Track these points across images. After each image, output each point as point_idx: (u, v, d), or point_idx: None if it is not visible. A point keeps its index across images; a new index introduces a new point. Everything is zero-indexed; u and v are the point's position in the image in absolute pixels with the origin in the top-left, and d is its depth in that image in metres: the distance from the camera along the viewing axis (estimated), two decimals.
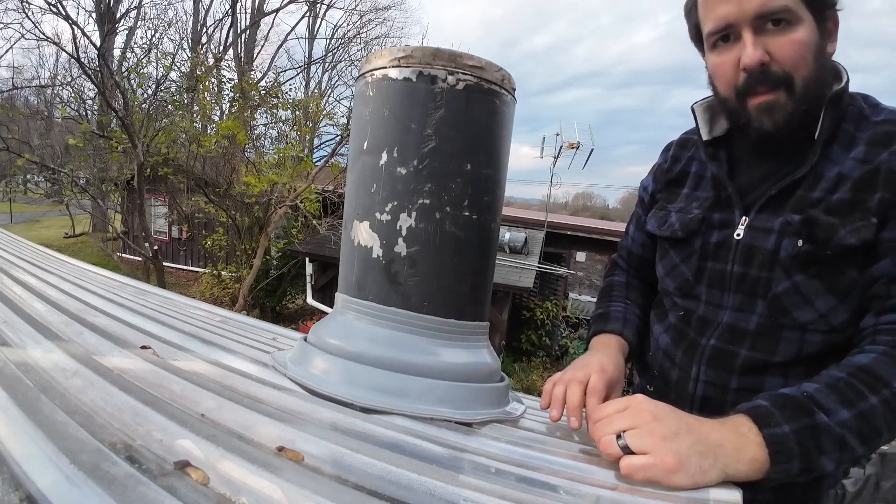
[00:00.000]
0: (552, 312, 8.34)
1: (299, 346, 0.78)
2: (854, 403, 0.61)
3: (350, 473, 0.47)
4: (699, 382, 0.83)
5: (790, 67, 0.71)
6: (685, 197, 0.91)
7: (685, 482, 0.54)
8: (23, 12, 8.82)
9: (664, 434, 0.57)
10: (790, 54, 0.70)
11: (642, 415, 0.59)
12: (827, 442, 0.59)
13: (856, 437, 0.60)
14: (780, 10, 0.69)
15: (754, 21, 0.70)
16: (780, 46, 0.70)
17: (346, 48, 19.60)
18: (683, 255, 0.87)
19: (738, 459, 0.57)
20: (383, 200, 0.71)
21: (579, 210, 41.68)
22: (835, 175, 0.73)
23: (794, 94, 0.72)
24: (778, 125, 0.74)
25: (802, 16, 0.70)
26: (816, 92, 0.72)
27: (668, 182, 0.96)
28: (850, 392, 0.62)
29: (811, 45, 0.71)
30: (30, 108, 12.13)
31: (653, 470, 0.55)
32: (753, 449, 0.58)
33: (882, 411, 0.61)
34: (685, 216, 0.87)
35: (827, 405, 0.61)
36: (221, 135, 7.08)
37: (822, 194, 0.73)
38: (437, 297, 0.73)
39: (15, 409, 0.42)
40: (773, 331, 0.77)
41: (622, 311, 0.97)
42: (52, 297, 1.04)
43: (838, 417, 0.60)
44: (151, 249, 7.03)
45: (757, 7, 0.70)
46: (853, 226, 0.70)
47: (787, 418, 0.59)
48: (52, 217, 13.46)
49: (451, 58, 0.70)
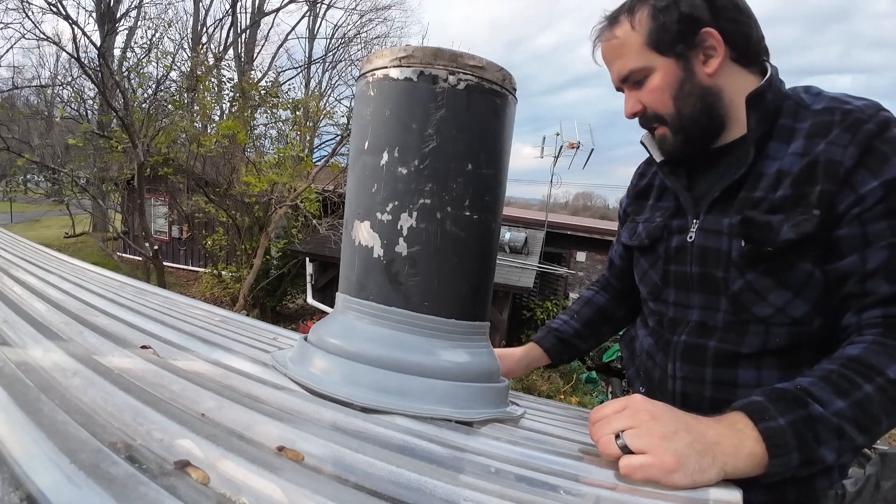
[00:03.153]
0: (552, 312, 8.34)
1: (299, 346, 0.78)
2: (848, 393, 0.61)
3: (350, 473, 0.47)
4: (676, 379, 0.86)
5: (655, 110, 0.83)
6: (650, 208, 0.97)
7: (684, 481, 0.54)
8: (23, 12, 8.84)
9: (662, 433, 0.57)
10: (650, 101, 0.83)
11: (640, 414, 0.59)
12: (824, 432, 0.59)
13: (853, 425, 0.60)
14: (630, 73, 0.82)
15: (622, 84, 0.85)
16: (643, 97, 0.83)
17: (346, 48, 19.63)
18: (650, 261, 0.93)
19: (737, 456, 0.57)
20: (384, 200, 0.71)
21: (579, 210, 41.71)
22: (774, 172, 0.75)
23: (671, 127, 0.83)
24: (674, 151, 0.86)
25: (654, 65, 0.80)
26: (694, 116, 0.81)
27: (636, 195, 1.03)
28: (843, 382, 0.62)
29: (668, 87, 0.80)
30: (30, 107, 12.15)
31: (651, 469, 0.55)
32: (751, 444, 0.58)
33: (878, 399, 0.61)
34: (650, 225, 0.94)
35: (821, 396, 0.61)
36: (222, 134, 7.08)
37: (763, 193, 0.76)
38: (438, 297, 0.73)
39: (15, 408, 0.42)
40: (739, 325, 0.79)
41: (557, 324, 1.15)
42: (52, 296, 1.04)
43: (834, 407, 0.60)
44: (151, 249, 7.03)
45: (616, 77, 0.85)
46: (795, 220, 0.72)
47: (783, 411, 0.60)
48: (53, 217, 13.46)
49: (453, 57, 0.70)
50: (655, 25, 0.78)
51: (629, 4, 0.81)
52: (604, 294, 1.18)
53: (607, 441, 0.59)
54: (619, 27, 0.81)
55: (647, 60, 0.79)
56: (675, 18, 0.77)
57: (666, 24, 0.77)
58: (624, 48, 0.81)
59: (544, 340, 1.12)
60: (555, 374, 7.11)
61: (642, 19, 0.79)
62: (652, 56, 0.79)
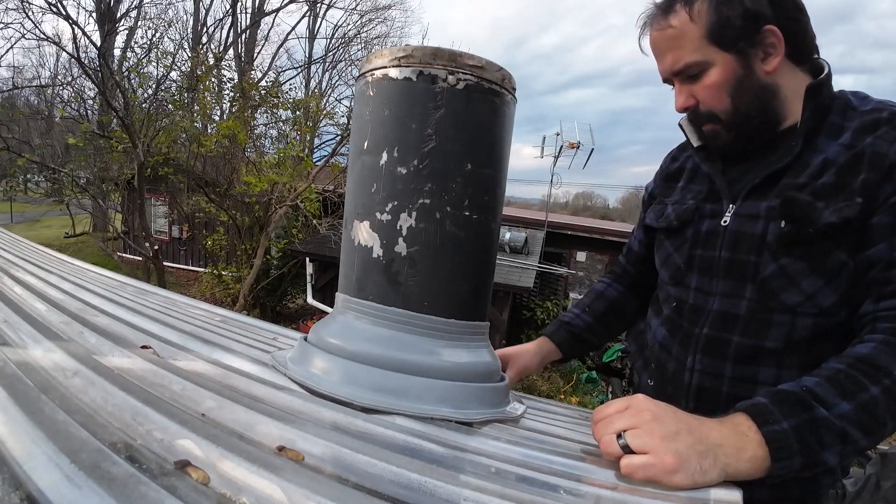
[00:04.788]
0: (552, 312, 8.34)
1: (299, 346, 0.78)
2: (854, 395, 0.61)
3: (350, 473, 0.47)
4: (694, 372, 0.85)
5: (710, 107, 0.81)
6: (680, 190, 0.96)
7: (685, 482, 0.54)
8: (23, 12, 8.83)
9: (664, 434, 0.57)
10: (705, 98, 0.80)
11: (642, 415, 0.59)
12: (828, 435, 0.59)
13: (857, 428, 0.60)
14: (686, 67, 0.79)
15: (674, 77, 0.82)
16: (698, 92, 0.81)
17: (346, 48, 19.62)
18: (676, 244, 0.92)
19: (739, 459, 0.57)
20: (383, 200, 0.71)
21: (580, 210, 41.71)
22: (820, 162, 0.75)
23: (725, 124, 0.81)
24: (724, 147, 0.84)
25: (714, 60, 0.77)
26: (750, 114, 0.79)
27: (666, 178, 1.01)
28: (849, 384, 0.62)
29: (725, 83, 0.78)
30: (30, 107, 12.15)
31: (652, 469, 0.55)
32: (753, 448, 0.58)
33: (884, 401, 0.61)
34: (680, 206, 0.93)
35: (826, 398, 0.60)
36: (222, 134, 7.07)
37: (807, 179, 0.75)
38: (438, 296, 0.73)
39: (15, 408, 0.42)
40: (763, 314, 0.78)
41: (569, 318, 1.13)
42: (52, 296, 1.04)
43: (838, 410, 0.60)
44: (152, 249, 7.03)
45: (668, 69, 0.82)
46: (837, 206, 0.72)
47: (786, 414, 0.59)
48: (53, 217, 13.47)
49: (452, 57, 0.70)
50: (718, 19, 0.75)
51: None
52: (616, 286, 1.16)
53: (609, 440, 0.59)
54: (676, 16, 0.77)
55: (706, 54, 0.77)
56: (739, 13, 0.74)
57: (729, 19, 0.74)
58: (681, 39, 0.78)
59: (556, 334, 1.10)
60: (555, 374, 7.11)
61: (702, 11, 0.75)
62: (712, 50, 0.76)
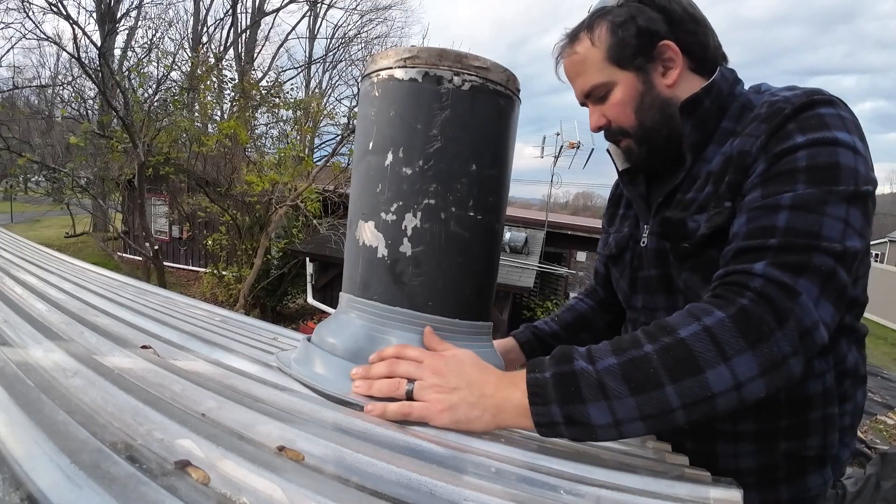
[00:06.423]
0: (553, 312, 8.34)
1: (303, 346, 0.78)
2: (625, 352, 0.60)
3: (351, 473, 0.47)
4: None
5: (620, 124, 0.84)
6: (620, 217, 0.99)
7: (451, 426, 0.62)
8: (24, 12, 8.85)
9: (442, 386, 0.63)
10: (614, 116, 0.84)
11: (426, 371, 0.65)
12: (586, 389, 0.59)
13: (621, 382, 0.58)
14: (593, 88, 0.83)
15: (586, 99, 0.86)
16: (607, 111, 0.84)
17: (346, 48, 19.65)
18: (620, 269, 0.95)
19: (504, 408, 0.62)
20: (388, 200, 0.71)
21: (580, 210, 41.76)
22: (706, 173, 0.77)
23: (635, 139, 0.84)
24: (641, 163, 0.87)
25: (616, 79, 0.81)
26: (656, 128, 0.82)
27: (611, 205, 1.06)
28: (627, 342, 0.62)
29: (629, 100, 0.81)
30: (31, 107, 12.17)
31: (424, 411, 0.62)
32: (518, 395, 0.61)
33: (658, 358, 0.59)
34: (618, 235, 0.97)
35: (597, 354, 0.62)
36: (223, 134, 7.08)
37: (694, 194, 0.78)
38: (442, 296, 0.72)
39: (15, 408, 0.42)
40: None
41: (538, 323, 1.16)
42: (52, 296, 1.04)
43: (602, 364, 0.60)
44: (152, 249, 7.04)
45: (580, 92, 0.86)
46: (710, 214, 0.73)
47: (551, 365, 0.62)
48: (53, 217, 13.47)
49: (457, 58, 0.70)
50: (615, 41, 0.79)
51: (588, 21, 0.82)
52: (587, 301, 1.18)
53: (397, 383, 0.65)
54: (580, 44, 0.82)
55: (609, 75, 0.81)
56: (634, 33, 0.78)
57: (625, 39, 0.78)
58: (585, 64, 0.82)
59: (521, 334, 1.13)
60: None
61: (601, 35, 0.79)
62: (613, 70, 0.80)
